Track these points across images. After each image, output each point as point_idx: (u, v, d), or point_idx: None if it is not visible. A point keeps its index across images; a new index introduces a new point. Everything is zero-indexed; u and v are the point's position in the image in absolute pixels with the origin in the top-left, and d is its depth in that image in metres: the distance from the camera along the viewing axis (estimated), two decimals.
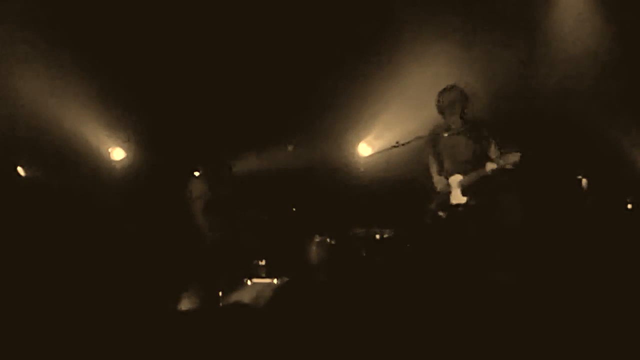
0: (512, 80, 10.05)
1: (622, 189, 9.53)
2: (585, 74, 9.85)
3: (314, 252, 9.52)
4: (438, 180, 8.19)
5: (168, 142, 11.16)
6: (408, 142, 8.45)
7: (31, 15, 10.41)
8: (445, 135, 8.18)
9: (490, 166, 7.86)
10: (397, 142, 8.56)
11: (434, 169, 8.32)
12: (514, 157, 7.75)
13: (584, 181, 9.37)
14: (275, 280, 9.09)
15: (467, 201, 7.96)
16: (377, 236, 9.37)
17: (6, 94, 10.55)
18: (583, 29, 10.04)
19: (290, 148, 10.47)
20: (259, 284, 9.09)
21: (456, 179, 8.05)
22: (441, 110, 8.22)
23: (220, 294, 8.81)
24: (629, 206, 9.52)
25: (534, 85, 10.09)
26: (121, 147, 11.38)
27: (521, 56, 10.13)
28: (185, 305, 8.45)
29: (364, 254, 9.22)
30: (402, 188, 9.44)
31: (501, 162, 7.78)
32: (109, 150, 11.44)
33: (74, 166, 11.18)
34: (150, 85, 11.00)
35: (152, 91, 10.99)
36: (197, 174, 9.58)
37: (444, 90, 8.22)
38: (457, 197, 8.03)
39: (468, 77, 9.61)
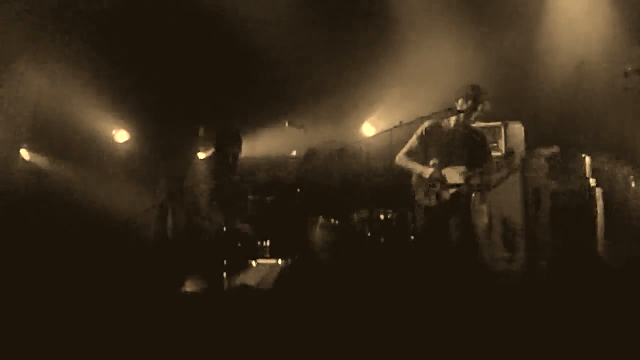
0: (512, 63, 10.06)
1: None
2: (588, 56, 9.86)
3: (318, 233, 9.52)
4: (425, 169, 8.15)
5: (171, 123, 11.16)
6: (411, 122, 8.42)
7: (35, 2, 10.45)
8: (450, 127, 8.15)
9: (496, 176, 7.91)
10: (400, 122, 8.52)
11: (406, 156, 8.31)
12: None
13: (587, 159, 9.38)
14: (279, 261, 9.10)
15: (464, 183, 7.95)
16: (381, 216, 9.37)
17: (10, 79, 10.57)
18: (585, 12, 10.02)
19: (292, 127, 10.46)
20: (264, 265, 9.10)
21: (456, 170, 8.02)
22: (466, 104, 8.14)
23: (225, 275, 8.83)
24: (633, 185, 9.51)
25: (535, 67, 10.09)
26: (125, 129, 11.40)
27: (525, 34, 10.12)
28: (190, 287, 8.47)
29: (369, 235, 9.22)
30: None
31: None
32: (113, 132, 11.46)
33: (78, 149, 11.21)
34: (154, 69, 11.01)
35: (156, 75, 10.99)
36: (200, 155, 9.56)
37: (475, 87, 8.15)
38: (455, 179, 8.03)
39: (473, 56, 9.64)
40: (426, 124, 8.24)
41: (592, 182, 9.41)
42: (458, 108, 8.03)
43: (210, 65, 11.08)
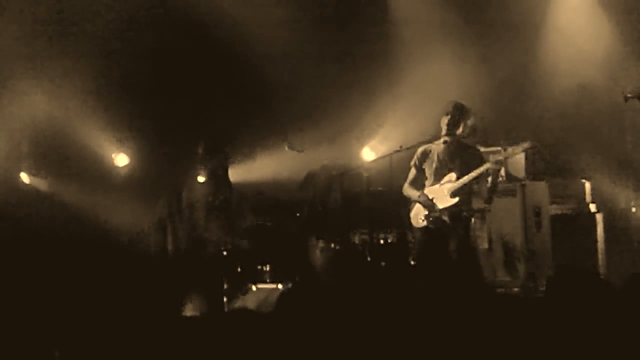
0: (515, 81, 10.06)
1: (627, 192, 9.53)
2: (588, 76, 9.87)
3: (318, 257, 9.50)
4: (418, 194, 8.15)
5: (170, 147, 11.16)
6: (411, 147, 8.44)
7: (34, 20, 10.46)
8: (440, 146, 8.15)
9: (485, 166, 7.86)
10: (400, 147, 8.54)
11: (409, 184, 8.31)
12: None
13: (587, 185, 9.38)
14: (279, 286, 9.07)
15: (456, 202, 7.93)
16: (381, 240, 9.36)
17: (10, 100, 10.57)
18: (586, 29, 10.04)
19: (286, 145, 10.48)
20: (264, 290, 9.08)
21: (438, 187, 8.02)
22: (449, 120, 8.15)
23: (225, 299, 8.80)
24: (633, 209, 9.51)
25: (536, 86, 10.10)
26: (124, 152, 11.40)
27: (524, 58, 10.13)
28: (189, 311, 8.44)
29: (369, 259, 9.20)
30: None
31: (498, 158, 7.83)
32: (113, 156, 11.45)
33: (78, 172, 11.20)
34: (153, 91, 11.02)
35: (155, 97, 11.00)
36: (200, 179, 9.55)
37: (457, 104, 8.15)
38: (445, 201, 8.01)
39: (472, 81, 9.65)
40: (419, 150, 8.25)
41: (593, 207, 9.40)
42: (442, 126, 8.05)
43: (209, 88, 11.10)
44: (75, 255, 9.95)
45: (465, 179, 7.90)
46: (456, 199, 7.92)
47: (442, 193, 7.99)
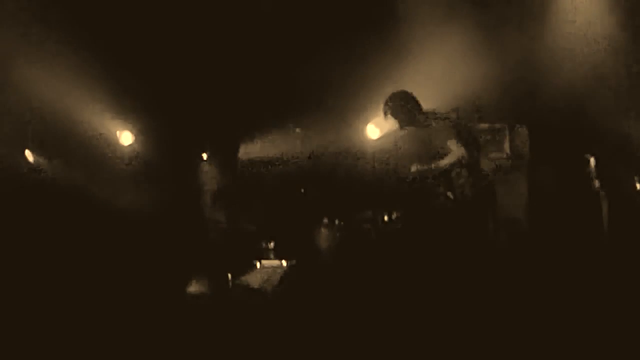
0: (520, 61, 10.04)
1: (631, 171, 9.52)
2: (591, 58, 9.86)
3: (322, 234, 9.53)
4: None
5: (176, 126, 11.16)
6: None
7: (40, 8, 10.46)
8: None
9: (442, 163, 7.74)
10: None
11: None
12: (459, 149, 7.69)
13: (592, 160, 9.37)
14: (284, 263, 9.11)
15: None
16: (386, 218, 9.38)
17: (14, 82, 10.58)
18: (594, 18, 10.02)
19: (297, 130, 10.48)
20: (268, 267, 9.11)
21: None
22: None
23: (230, 276, 8.84)
24: (638, 186, 9.51)
25: (539, 68, 10.08)
26: (129, 131, 11.40)
27: (530, 31, 10.12)
28: (195, 288, 8.48)
29: (373, 236, 9.23)
30: (410, 170, 9.44)
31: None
32: (118, 134, 11.46)
33: (82, 150, 11.21)
34: (157, 70, 11.01)
35: (159, 76, 10.99)
36: (204, 156, 9.58)
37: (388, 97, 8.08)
38: None
39: (479, 56, 9.63)
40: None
41: (597, 183, 9.41)
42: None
43: (216, 68, 11.09)
44: (80, 235, 10.00)
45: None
46: None
47: None
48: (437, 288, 7.43)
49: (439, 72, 8.41)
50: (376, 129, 10.71)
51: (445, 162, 7.53)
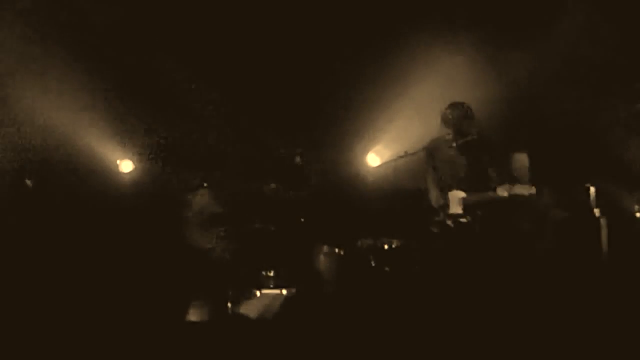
0: (520, 90, 10.07)
1: (631, 197, 9.51)
2: (592, 82, 9.88)
3: (322, 262, 9.51)
4: (436, 196, 8.19)
5: (176, 152, 11.16)
6: (416, 153, 8.47)
7: (42, 30, 10.48)
8: (447, 148, 8.18)
9: (501, 192, 7.85)
10: (405, 152, 8.57)
11: (431, 182, 8.32)
12: (528, 190, 7.79)
13: (592, 190, 9.36)
14: (283, 291, 9.08)
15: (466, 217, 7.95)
16: (386, 246, 9.36)
17: (16, 106, 10.59)
18: (591, 37, 10.05)
19: (297, 159, 10.48)
20: (268, 295, 9.09)
21: (457, 194, 8.03)
22: (447, 124, 8.20)
23: (229, 304, 8.81)
24: (638, 215, 9.50)
25: (542, 94, 10.11)
26: (130, 159, 11.40)
27: (530, 65, 10.14)
28: (194, 316, 8.46)
29: (373, 264, 9.21)
30: (410, 198, 9.44)
31: (514, 191, 7.79)
32: (118, 162, 11.45)
33: (83, 178, 11.21)
34: (157, 96, 11.03)
35: (160, 101, 11.02)
36: (204, 186, 9.58)
37: (453, 105, 8.20)
38: (456, 208, 8.02)
39: (477, 87, 9.65)
40: (427, 144, 8.28)
41: (597, 212, 9.39)
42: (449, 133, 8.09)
43: (215, 95, 11.11)
44: (79, 261, 9.97)
45: (475, 197, 7.91)
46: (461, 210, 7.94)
47: (455, 199, 8.01)
48: (438, 316, 7.42)
49: (439, 98, 8.44)
50: (376, 157, 10.72)
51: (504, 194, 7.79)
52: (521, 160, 9.27)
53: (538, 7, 10.25)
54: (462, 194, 8.00)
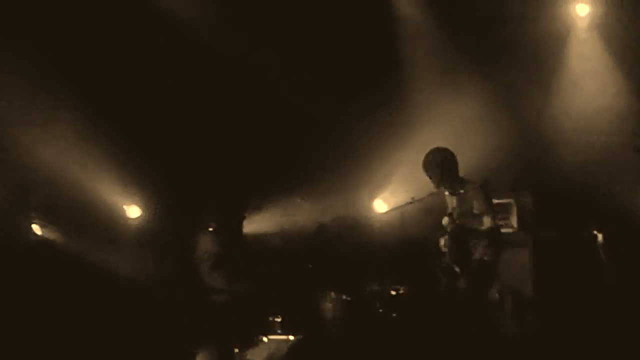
0: (526, 131, 10.14)
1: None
2: (599, 125, 9.95)
3: (329, 308, 9.51)
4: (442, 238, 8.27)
5: (183, 198, 11.20)
6: (423, 199, 8.51)
7: (48, 76, 10.57)
8: (446, 193, 8.24)
9: (486, 222, 7.89)
10: (412, 199, 8.62)
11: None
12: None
13: (600, 236, 9.39)
14: (290, 337, 9.07)
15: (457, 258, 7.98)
16: (393, 292, 9.38)
17: (20, 152, 10.64)
18: (598, 78, 10.14)
19: (299, 200, 10.56)
20: (275, 341, 9.07)
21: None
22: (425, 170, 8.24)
23: (236, 351, 8.79)
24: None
25: (549, 135, 10.17)
26: (137, 204, 11.44)
27: (537, 105, 10.23)
28: None
29: (380, 310, 9.21)
30: (417, 244, 9.49)
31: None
32: (125, 207, 11.49)
33: (90, 224, 11.23)
34: (163, 142, 11.10)
35: (165, 147, 11.08)
36: (210, 229, 9.60)
37: (427, 154, 8.24)
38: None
39: (482, 129, 9.73)
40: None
41: (603, 256, 9.41)
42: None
43: (221, 140, 11.18)
44: (87, 307, 9.97)
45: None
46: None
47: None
48: None
49: (444, 142, 8.50)
50: (384, 203, 10.76)
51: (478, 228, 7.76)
52: (527, 204, 9.33)
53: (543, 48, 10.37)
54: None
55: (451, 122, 10.03)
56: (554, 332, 8.72)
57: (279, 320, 9.39)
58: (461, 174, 8.19)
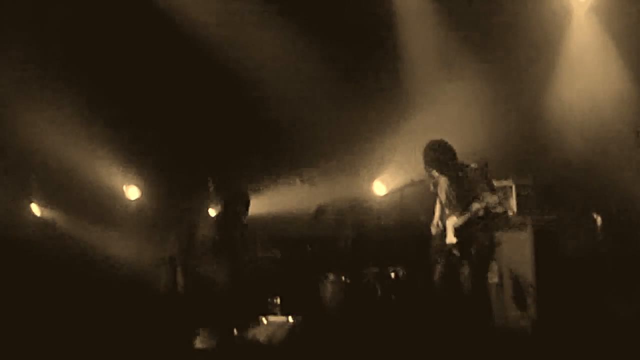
0: (526, 115, 10.11)
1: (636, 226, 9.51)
2: (600, 110, 9.91)
3: (328, 290, 9.51)
4: (433, 225, 8.25)
5: (182, 179, 11.20)
6: (422, 180, 8.48)
7: (46, 57, 10.56)
8: (441, 179, 8.21)
9: (475, 206, 7.86)
10: (411, 180, 8.60)
11: (435, 212, 8.36)
12: (492, 198, 7.81)
13: (598, 218, 9.37)
14: (290, 319, 9.08)
15: (457, 242, 7.95)
16: (392, 274, 9.37)
17: (21, 134, 10.64)
18: (598, 63, 10.10)
19: (298, 180, 10.56)
20: (274, 322, 9.08)
21: (451, 221, 8.06)
22: (429, 165, 8.22)
23: (235, 332, 8.81)
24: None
25: (548, 119, 10.14)
26: (136, 185, 11.44)
27: (536, 90, 10.19)
28: (201, 343, 8.44)
29: (379, 292, 9.21)
30: (417, 226, 9.46)
31: (483, 203, 7.82)
32: (124, 188, 11.49)
33: (89, 204, 11.24)
34: (164, 124, 11.09)
35: (169, 131, 11.08)
36: (212, 214, 9.62)
37: (429, 146, 8.21)
38: (450, 239, 8.03)
39: (482, 114, 9.69)
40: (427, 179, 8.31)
41: (603, 239, 9.39)
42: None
43: (222, 123, 11.16)
44: (85, 288, 9.98)
45: (460, 221, 7.93)
46: (454, 240, 7.95)
47: (451, 228, 8.03)
48: (443, 345, 7.41)
49: (446, 127, 8.48)
50: (382, 185, 10.74)
51: (477, 206, 7.76)
52: (528, 189, 9.30)
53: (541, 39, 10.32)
54: (454, 219, 8.01)
55: (449, 106, 10.00)
56: (555, 316, 8.70)
57: (278, 301, 9.41)
58: (460, 158, 8.14)
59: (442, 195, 8.16)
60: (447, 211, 8.14)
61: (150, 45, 10.83)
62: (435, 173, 8.11)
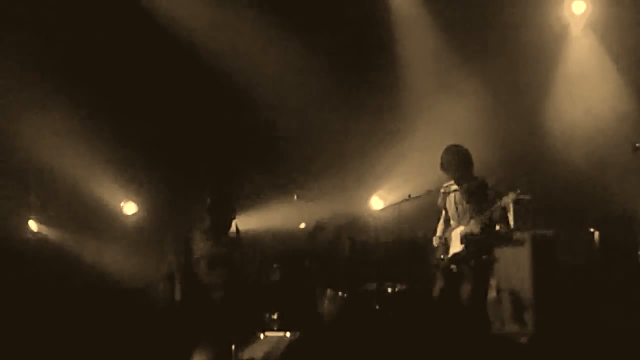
0: (524, 130, 10.13)
1: (634, 241, 9.51)
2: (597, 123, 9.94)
3: (326, 305, 9.50)
4: (435, 237, 8.25)
5: (178, 195, 11.20)
6: (419, 196, 8.49)
7: (46, 74, 10.57)
8: (452, 190, 8.21)
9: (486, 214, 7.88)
10: (409, 196, 8.59)
11: (439, 224, 8.36)
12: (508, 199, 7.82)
13: (596, 234, 9.37)
14: (288, 334, 9.06)
15: (463, 250, 7.95)
16: (389, 290, 9.36)
17: (19, 149, 10.64)
18: (595, 77, 10.13)
19: (295, 195, 10.56)
20: (272, 338, 9.06)
21: (458, 230, 8.06)
22: (443, 169, 8.22)
23: (233, 348, 8.78)
24: None
25: (546, 133, 10.16)
26: (133, 201, 11.44)
27: (534, 104, 10.22)
28: (198, 359, 8.42)
29: (377, 308, 9.20)
30: (414, 241, 9.47)
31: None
32: (121, 204, 11.48)
33: (86, 220, 11.23)
34: (160, 141, 11.10)
35: (165, 147, 11.08)
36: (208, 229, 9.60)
37: (447, 149, 8.21)
38: (455, 247, 8.03)
39: (480, 129, 9.71)
40: (442, 188, 8.30)
41: (601, 254, 9.40)
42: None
43: (220, 139, 11.18)
44: (82, 304, 9.96)
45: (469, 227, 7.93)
46: (461, 247, 7.93)
47: (457, 237, 8.03)
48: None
49: (444, 143, 8.48)
50: (380, 200, 10.75)
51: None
52: (526, 204, 9.30)
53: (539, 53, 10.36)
54: (461, 228, 8.01)
55: (447, 122, 10.02)
56: (553, 331, 8.69)
57: (276, 317, 9.39)
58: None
59: (451, 208, 8.15)
60: (452, 223, 8.14)
61: (150, 61, 10.85)
62: (450, 182, 8.11)
